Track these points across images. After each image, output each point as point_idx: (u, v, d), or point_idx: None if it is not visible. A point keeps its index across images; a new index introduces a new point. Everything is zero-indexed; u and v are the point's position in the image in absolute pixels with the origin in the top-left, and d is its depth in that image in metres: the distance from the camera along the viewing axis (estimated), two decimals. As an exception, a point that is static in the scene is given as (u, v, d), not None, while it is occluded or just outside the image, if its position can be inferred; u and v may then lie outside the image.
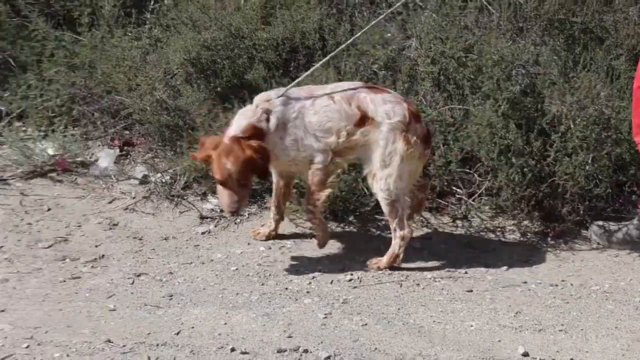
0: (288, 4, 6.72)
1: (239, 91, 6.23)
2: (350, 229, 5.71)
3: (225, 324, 4.50)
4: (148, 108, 6.30)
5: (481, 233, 5.64)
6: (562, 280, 5.04)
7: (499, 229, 5.67)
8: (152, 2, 7.20)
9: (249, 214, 5.88)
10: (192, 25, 6.59)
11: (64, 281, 5.07)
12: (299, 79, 5.33)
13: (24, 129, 6.74)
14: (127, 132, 6.64)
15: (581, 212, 5.63)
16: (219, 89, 6.32)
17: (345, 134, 4.99)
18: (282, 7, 6.69)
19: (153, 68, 6.48)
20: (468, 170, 5.80)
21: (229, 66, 6.34)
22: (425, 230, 5.71)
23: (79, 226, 5.75)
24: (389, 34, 6.10)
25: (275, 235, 5.55)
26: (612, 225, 5.46)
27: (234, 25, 6.42)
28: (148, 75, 6.42)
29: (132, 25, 7.02)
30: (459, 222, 5.71)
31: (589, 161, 5.48)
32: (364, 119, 5.00)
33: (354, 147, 5.06)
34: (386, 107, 5.00)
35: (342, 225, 5.75)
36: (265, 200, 5.94)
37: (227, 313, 4.62)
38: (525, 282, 5.03)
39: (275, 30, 6.47)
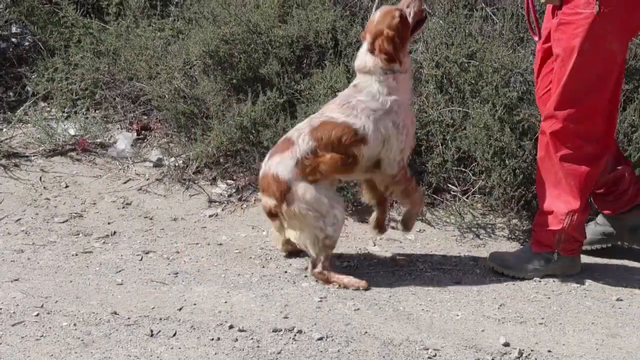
0: (304, 4, 6.68)
1: (253, 84, 6.21)
2: (349, 220, 5.67)
3: (226, 302, 4.50)
4: (166, 95, 6.30)
5: (472, 229, 5.60)
6: (545, 277, 5.00)
7: (490, 226, 5.63)
8: (176, -4, 7.17)
9: (254, 200, 5.86)
10: (212, 20, 6.56)
11: (76, 255, 5.11)
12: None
13: (48, 109, 6.75)
14: (145, 117, 6.65)
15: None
16: (234, 80, 6.29)
17: None
18: (298, 7, 6.65)
19: (173, 58, 6.47)
20: (463, 169, 5.77)
21: (245, 60, 6.31)
22: (420, 223, 5.68)
23: (94, 204, 5.78)
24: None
25: None
26: None
27: (252, 22, 6.38)
28: (168, 65, 6.42)
29: (156, 16, 7.01)
30: (452, 218, 5.67)
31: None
32: None
33: None
34: None
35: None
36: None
37: (228, 292, 4.62)
38: (513, 277, 4.99)
39: (290, 28, 6.43)
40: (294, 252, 5.18)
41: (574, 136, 4.72)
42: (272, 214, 4.81)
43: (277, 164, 4.71)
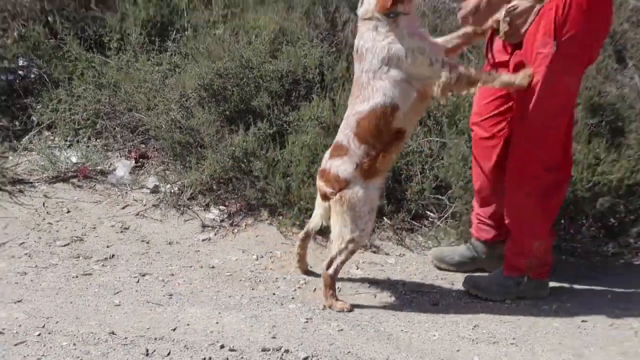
0: (294, 41, 6.77)
1: (245, 115, 6.28)
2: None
3: (217, 323, 4.53)
4: (163, 126, 6.34)
5: (449, 253, 5.62)
6: (517, 299, 5.05)
7: (465, 250, 5.66)
8: (174, 32, 7.20)
9: (245, 225, 5.89)
10: (207, 55, 6.63)
11: (77, 277, 5.12)
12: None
13: (52, 138, 6.75)
14: (143, 146, 6.66)
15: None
16: (227, 112, 6.34)
17: None
18: (288, 44, 6.74)
19: (170, 91, 6.50)
20: (440, 197, 5.82)
21: (238, 93, 6.37)
22: (400, 248, 5.73)
23: (94, 228, 5.77)
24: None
25: None
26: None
27: (245, 57, 6.45)
28: (165, 97, 6.47)
29: (155, 51, 7.04)
30: (429, 243, 5.71)
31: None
32: None
33: None
34: None
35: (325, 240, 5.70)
36: (261, 214, 5.98)
37: (219, 313, 4.65)
38: (485, 299, 5.06)
39: (280, 63, 6.51)
40: (307, 272, 5.30)
41: (538, 167, 4.74)
42: (325, 197, 4.82)
43: (339, 166, 4.71)
